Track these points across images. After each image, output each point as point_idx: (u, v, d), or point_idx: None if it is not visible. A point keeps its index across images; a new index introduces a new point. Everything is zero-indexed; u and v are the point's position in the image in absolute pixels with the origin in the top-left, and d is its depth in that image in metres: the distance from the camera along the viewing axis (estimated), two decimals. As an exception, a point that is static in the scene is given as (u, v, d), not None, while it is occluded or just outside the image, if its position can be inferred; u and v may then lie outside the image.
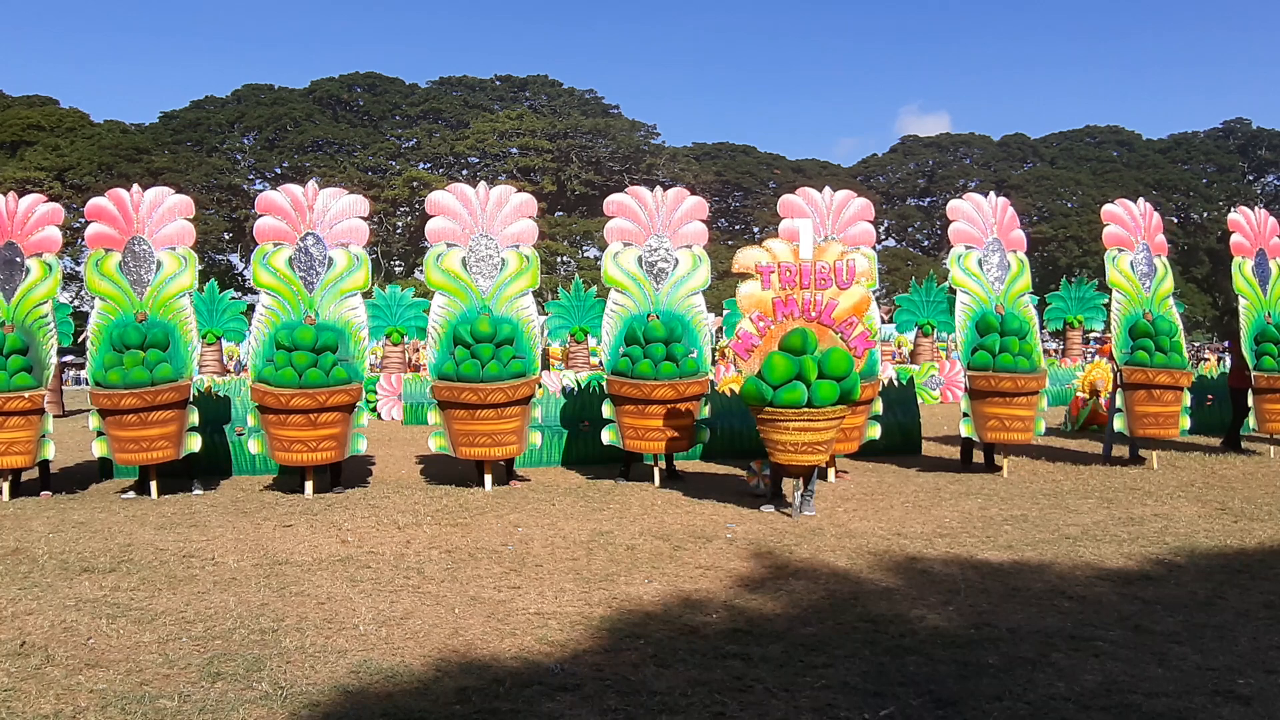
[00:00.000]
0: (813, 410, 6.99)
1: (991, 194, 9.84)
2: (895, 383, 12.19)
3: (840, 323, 7.53)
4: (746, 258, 7.66)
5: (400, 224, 55.95)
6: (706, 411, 9.04)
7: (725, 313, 24.31)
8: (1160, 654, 4.03)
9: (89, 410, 8.58)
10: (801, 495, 7.30)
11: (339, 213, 8.82)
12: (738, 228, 63.09)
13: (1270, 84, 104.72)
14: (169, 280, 8.59)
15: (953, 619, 4.54)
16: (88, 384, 8.77)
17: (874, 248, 9.46)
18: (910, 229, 64.34)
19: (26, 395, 8.25)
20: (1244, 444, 11.11)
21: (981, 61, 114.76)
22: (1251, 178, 63.78)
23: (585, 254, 55.02)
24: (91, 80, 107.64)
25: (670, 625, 4.48)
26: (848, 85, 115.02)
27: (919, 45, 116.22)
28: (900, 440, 10.95)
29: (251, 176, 55.57)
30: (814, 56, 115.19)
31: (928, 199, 63.81)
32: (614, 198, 9.27)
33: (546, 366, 20.40)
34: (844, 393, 7.07)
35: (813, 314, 7.53)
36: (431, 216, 8.99)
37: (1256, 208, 10.92)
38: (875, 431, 9.17)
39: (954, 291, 9.57)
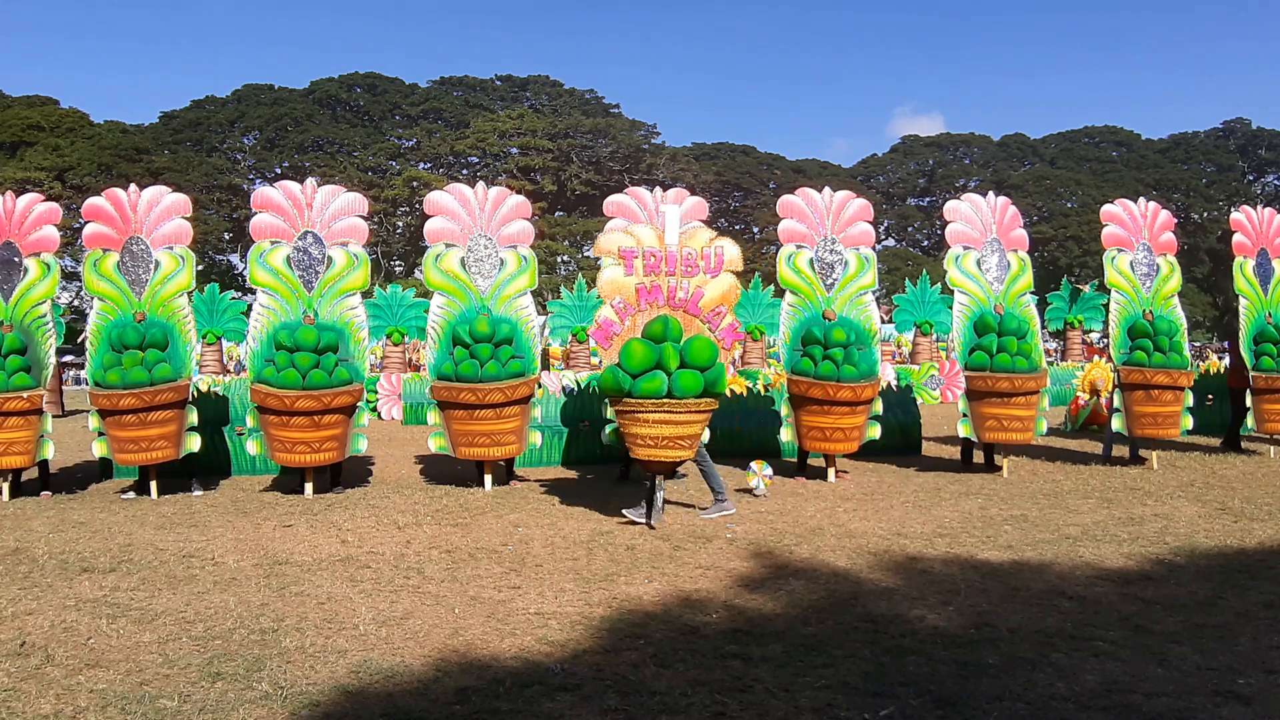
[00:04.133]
0: (673, 401, 6.60)
1: (991, 194, 9.84)
2: (894, 386, 12.20)
3: (708, 312, 7.08)
4: (608, 242, 7.19)
5: (400, 224, 55.96)
6: (706, 411, 9.03)
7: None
8: (1160, 654, 4.02)
9: (89, 410, 8.57)
10: (653, 500, 6.86)
11: (338, 211, 8.81)
12: (738, 228, 63.07)
13: (1270, 84, 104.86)
14: (167, 280, 8.58)
15: (953, 619, 4.54)
16: (88, 384, 8.77)
17: (874, 248, 9.47)
18: (910, 229, 64.35)
19: (25, 395, 8.24)
20: (1244, 444, 11.11)
21: (976, 63, 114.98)
22: (1251, 178, 63.79)
23: (585, 254, 55.02)
24: (91, 80, 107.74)
25: (670, 625, 4.48)
26: (843, 87, 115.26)
27: (914, 47, 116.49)
28: (900, 440, 10.96)
29: (251, 176, 55.58)
30: (811, 57, 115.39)
31: (927, 199, 63.84)
32: (613, 198, 9.22)
33: (546, 367, 20.40)
34: (708, 384, 6.68)
35: (678, 301, 7.06)
36: (430, 217, 8.98)
37: (1260, 207, 10.91)
38: (875, 431, 9.16)
39: (948, 291, 9.57)
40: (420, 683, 3.77)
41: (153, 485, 8.42)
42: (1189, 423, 9.74)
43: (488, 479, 8.65)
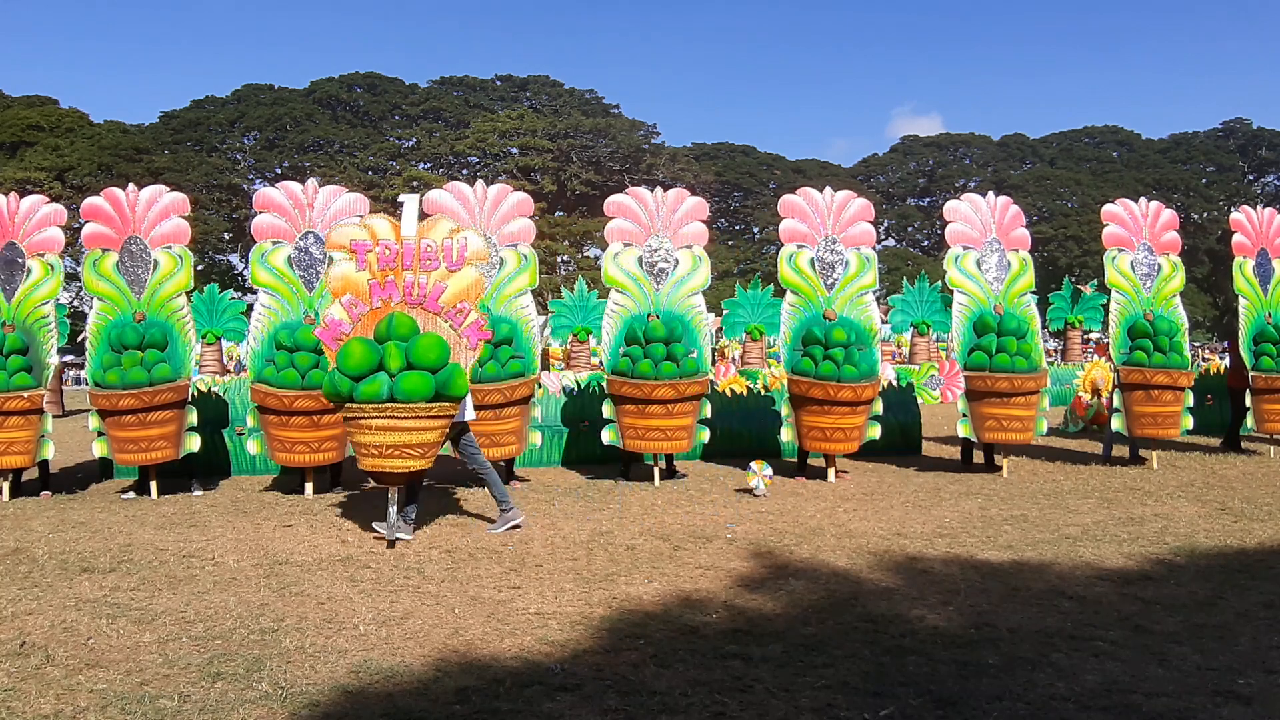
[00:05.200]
0: (397, 405, 6.04)
1: (991, 194, 9.84)
2: (895, 384, 12.21)
3: (449, 309, 6.52)
4: (340, 235, 6.61)
5: (400, 224, 55.82)
6: (706, 411, 9.04)
7: (725, 313, 24.34)
8: (1160, 654, 4.02)
9: (89, 410, 8.57)
10: (398, 514, 6.35)
11: (339, 211, 8.81)
12: (738, 228, 63.09)
13: (1270, 84, 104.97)
14: (166, 279, 8.58)
15: (953, 619, 4.54)
16: (88, 384, 8.77)
17: (874, 248, 9.47)
18: (910, 229, 64.34)
19: (26, 395, 8.24)
20: (1244, 444, 11.10)
21: (975, 63, 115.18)
22: (1251, 178, 63.80)
23: (586, 254, 55.00)
24: (91, 80, 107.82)
25: (670, 625, 4.48)
26: (842, 87, 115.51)
27: (913, 47, 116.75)
28: (900, 440, 10.95)
29: (251, 176, 55.56)
30: (811, 57, 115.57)
31: (927, 199, 63.83)
32: (614, 198, 9.27)
33: (546, 367, 20.41)
34: (439, 386, 6.12)
35: (415, 298, 6.50)
36: (429, 216, 8.96)
37: (1260, 207, 10.90)
38: (875, 431, 9.16)
39: (948, 291, 9.57)
40: (420, 683, 3.77)
41: (153, 485, 8.42)
42: (1189, 423, 9.73)
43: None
